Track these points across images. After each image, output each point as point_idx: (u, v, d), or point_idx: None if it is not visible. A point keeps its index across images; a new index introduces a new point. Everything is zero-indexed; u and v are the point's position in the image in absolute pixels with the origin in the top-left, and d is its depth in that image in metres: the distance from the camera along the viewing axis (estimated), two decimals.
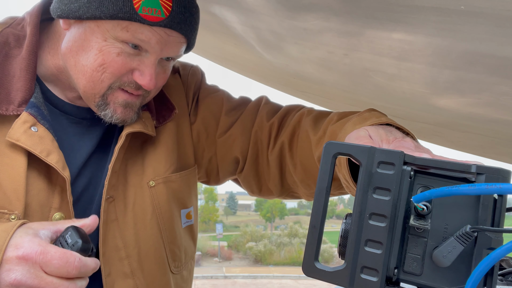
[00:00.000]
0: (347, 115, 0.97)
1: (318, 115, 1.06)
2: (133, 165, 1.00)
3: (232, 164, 1.16)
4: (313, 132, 1.01)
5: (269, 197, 1.22)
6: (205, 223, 45.26)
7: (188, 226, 1.11)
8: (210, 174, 1.19)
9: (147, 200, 1.00)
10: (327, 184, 0.54)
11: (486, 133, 1.74)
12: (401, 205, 0.50)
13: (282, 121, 1.12)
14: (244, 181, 1.19)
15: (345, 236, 0.54)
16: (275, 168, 1.11)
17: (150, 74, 0.90)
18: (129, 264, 0.97)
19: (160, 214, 1.01)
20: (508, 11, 0.74)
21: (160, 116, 1.06)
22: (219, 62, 2.35)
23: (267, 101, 1.18)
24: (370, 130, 0.76)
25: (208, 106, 1.15)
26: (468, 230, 0.46)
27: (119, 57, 0.88)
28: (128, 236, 0.97)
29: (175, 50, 0.93)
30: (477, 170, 0.48)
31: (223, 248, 33.67)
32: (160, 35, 0.88)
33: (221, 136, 1.14)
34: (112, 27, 0.86)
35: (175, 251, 1.05)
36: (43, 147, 0.87)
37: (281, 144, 1.08)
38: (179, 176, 1.06)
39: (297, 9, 1.08)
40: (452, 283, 0.49)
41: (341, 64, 1.40)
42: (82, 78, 0.90)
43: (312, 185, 1.06)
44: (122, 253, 0.96)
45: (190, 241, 1.13)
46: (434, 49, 1.03)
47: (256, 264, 31.84)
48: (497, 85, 1.13)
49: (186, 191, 1.09)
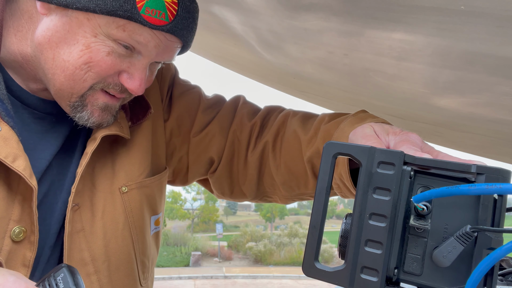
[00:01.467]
0: (338, 116, 0.95)
1: (305, 116, 1.04)
2: (101, 169, 0.90)
3: (206, 165, 1.10)
4: (303, 132, 0.98)
5: (240, 200, 1.16)
6: (205, 223, 45.26)
7: (155, 233, 1.03)
8: (178, 174, 1.12)
9: (119, 208, 0.89)
10: (327, 184, 0.54)
11: (486, 133, 1.73)
12: (401, 205, 0.51)
13: (264, 121, 1.08)
14: (215, 182, 1.13)
15: (345, 236, 0.54)
16: (254, 169, 1.06)
17: (141, 78, 0.82)
18: (98, 280, 0.87)
19: (132, 222, 0.91)
20: (508, 11, 0.74)
21: (134, 116, 0.96)
22: (219, 62, 2.35)
23: (245, 101, 1.13)
24: (374, 126, 0.75)
25: (183, 103, 1.07)
26: (468, 230, 0.47)
27: (108, 56, 0.78)
28: (96, 249, 0.87)
29: (171, 55, 0.86)
30: (477, 170, 0.48)
31: (223, 248, 33.66)
32: (159, 39, 0.80)
33: (196, 135, 1.06)
34: (106, 23, 0.76)
35: (145, 262, 0.97)
36: (8, 150, 0.74)
37: (264, 144, 1.04)
38: (153, 180, 0.97)
39: (297, 9, 1.08)
40: (452, 283, 0.49)
41: (341, 64, 1.40)
42: (60, 75, 0.79)
43: (294, 187, 1.03)
44: (89, 268, 0.86)
45: (155, 248, 1.05)
46: (434, 49, 1.03)
47: (256, 264, 31.84)
48: (497, 85, 1.13)
49: (158, 196, 1.01)
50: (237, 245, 34.97)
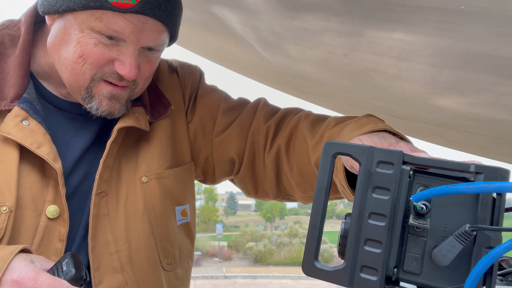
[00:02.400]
0: (345, 120, 0.97)
1: (315, 119, 1.06)
2: (127, 161, 1.01)
3: (228, 165, 1.16)
4: (310, 136, 1.01)
5: (266, 199, 1.22)
6: (205, 223, 45.26)
7: (183, 224, 1.11)
8: (207, 173, 1.19)
9: (139, 196, 1.00)
10: (327, 184, 0.54)
11: (486, 133, 1.74)
12: (400, 204, 0.51)
13: (279, 124, 1.12)
14: (240, 182, 1.19)
15: (345, 236, 0.54)
16: (271, 170, 1.10)
17: (130, 63, 0.90)
18: (119, 259, 0.97)
19: (152, 210, 1.01)
20: (508, 11, 0.74)
21: (155, 112, 1.06)
22: (219, 62, 2.35)
23: (265, 103, 1.18)
24: (363, 139, 0.77)
25: (205, 105, 1.15)
26: (467, 229, 0.47)
27: (96, 47, 0.88)
28: (118, 231, 0.97)
29: (153, 39, 0.92)
30: (476, 169, 0.48)
31: (223, 248, 33.66)
32: (133, 23, 0.87)
33: (218, 136, 1.13)
34: (86, 17, 0.86)
35: (168, 248, 1.05)
36: (33, 139, 0.88)
37: (278, 147, 1.08)
38: (172, 172, 1.06)
39: (297, 9, 1.08)
40: (451, 282, 0.49)
41: (341, 64, 1.40)
42: (65, 72, 0.91)
43: (308, 189, 1.06)
44: (112, 247, 0.96)
45: (186, 239, 1.13)
46: (434, 49, 1.03)
47: (256, 264, 31.83)
48: (497, 85, 1.13)
49: (180, 188, 1.09)
50: (237, 245, 34.97)
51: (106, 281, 0.95)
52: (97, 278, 0.95)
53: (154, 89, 1.09)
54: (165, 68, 1.17)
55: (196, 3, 1.37)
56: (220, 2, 1.27)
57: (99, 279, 0.95)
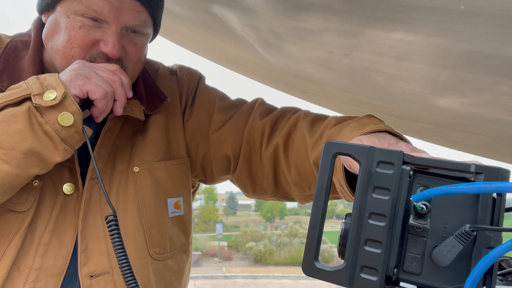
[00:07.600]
0: (345, 120, 0.97)
1: (315, 118, 1.07)
2: (122, 153, 1.07)
3: (224, 162, 1.18)
4: (309, 134, 1.02)
5: (264, 198, 1.23)
6: (205, 223, 45.25)
7: (176, 217, 1.13)
8: (206, 171, 1.21)
9: (130, 185, 1.05)
10: (327, 184, 0.54)
11: (486, 133, 1.74)
12: (400, 204, 0.51)
13: (277, 122, 1.13)
14: (238, 180, 1.21)
15: (345, 236, 0.54)
16: (269, 168, 1.11)
17: (113, 41, 0.96)
18: (106, 244, 1.01)
19: (142, 199, 1.06)
20: (508, 11, 0.74)
21: (151, 105, 1.11)
22: (219, 62, 2.36)
23: (262, 102, 1.20)
24: (363, 139, 0.78)
25: (202, 103, 1.19)
26: (467, 229, 0.47)
27: (81, 29, 0.95)
28: None
29: (133, 18, 0.98)
30: (476, 169, 0.48)
31: (223, 248, 33.66)
32: (111, 2, 0.94)
33: (214, 133, 1.16)
34: (70, 3, 0.95)
35: (156, 237, 1.08)
36: None
37: (276, 144, 1.09)
38: (164, 164, 1.11)
39: (297, 9, 1.08)
40: (451, 282, 0.49)
41: (341, 64, 1.40)
42: (58, 58, 0.98)
43: (305, 188, 1.06)
44: (100, 232, 1.01)
45: (179, 231, 1.15)
46: (434, 49, 1.03)
47: (256, 264, 31.83)
48: (497, 85, 1.13)
49: (172, 180, 1.12)
50: (237, 245, 34.98)
51: (92, 263, 0.98)
52: (84, 259, 0.98)
53: (152, 86, 1.14)
54: (165, 72, 1.22)
55: (196, 3, 1.37)
56: (220, 2, 1.27)
57: (85, 260, 0.98)
